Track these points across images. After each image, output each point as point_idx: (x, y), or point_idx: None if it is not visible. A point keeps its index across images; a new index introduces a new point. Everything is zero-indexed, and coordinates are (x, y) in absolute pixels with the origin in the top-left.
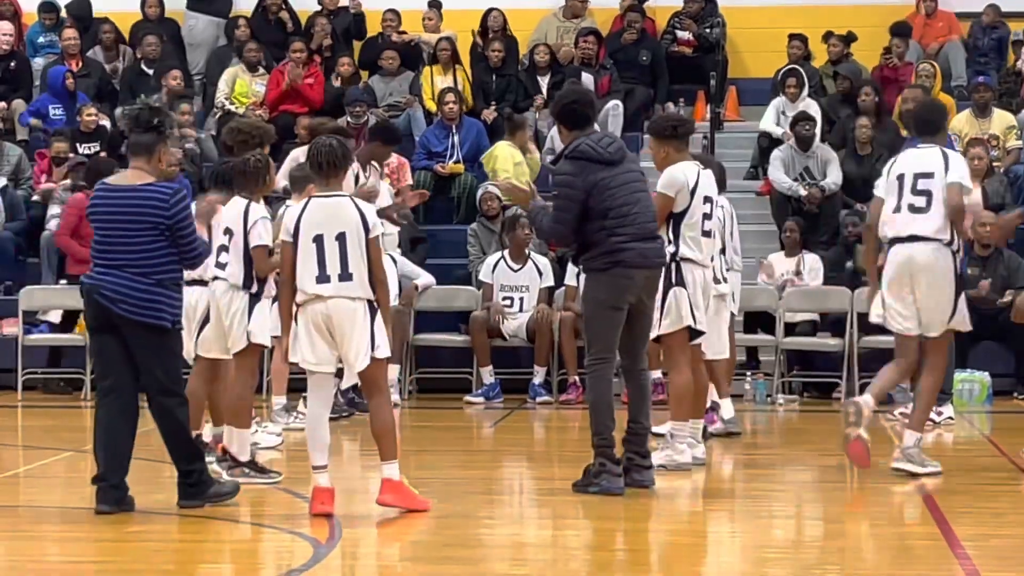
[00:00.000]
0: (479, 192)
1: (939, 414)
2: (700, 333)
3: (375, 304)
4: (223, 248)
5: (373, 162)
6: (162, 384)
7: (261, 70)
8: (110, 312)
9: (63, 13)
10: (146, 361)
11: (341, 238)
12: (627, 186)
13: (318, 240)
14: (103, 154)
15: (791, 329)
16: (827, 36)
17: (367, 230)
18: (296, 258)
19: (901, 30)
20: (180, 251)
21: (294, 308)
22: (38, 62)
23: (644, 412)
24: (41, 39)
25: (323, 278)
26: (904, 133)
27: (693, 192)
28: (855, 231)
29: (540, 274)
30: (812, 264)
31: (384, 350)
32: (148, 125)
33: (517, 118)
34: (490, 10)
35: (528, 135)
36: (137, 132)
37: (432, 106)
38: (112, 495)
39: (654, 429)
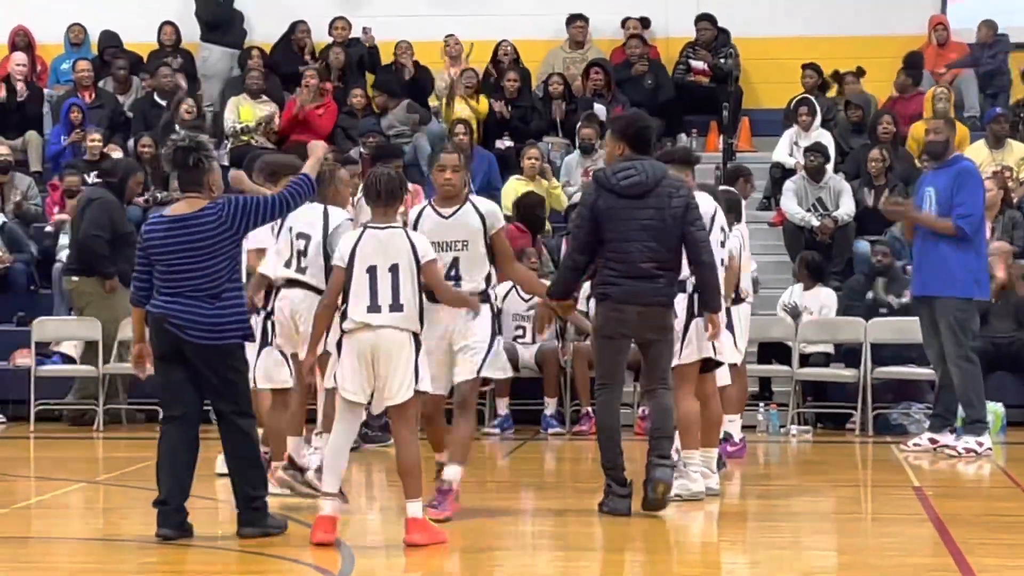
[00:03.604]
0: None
1: (980, 445)
2: (718, 364)
3: (420, 337)
4: (301, 253)
5: None
6: (236, 406)
7: (264, 96)
8: (179, 339)
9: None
10: (217, 384)
11: (394, 270)
12: (635, 222)
13: (371, 271)
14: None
15: (804, 360)
16: (835, 74)
17: (418, 260)
18: (345, 284)
19: (910, 61)
20: (274, 207)
21: (338, 335)
22: (52, 93)
23: (662, 425)
24: (65, 65)
25: (374, 308)
26: (918, 163)
27: (711, 223)
28: (885, 261)
29: None
30: (826, 298)
31: (426, 383)
32: (186, 166)
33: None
34: (501, 41)
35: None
36: (180, 171)
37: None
38: (173, 519)
39: None
